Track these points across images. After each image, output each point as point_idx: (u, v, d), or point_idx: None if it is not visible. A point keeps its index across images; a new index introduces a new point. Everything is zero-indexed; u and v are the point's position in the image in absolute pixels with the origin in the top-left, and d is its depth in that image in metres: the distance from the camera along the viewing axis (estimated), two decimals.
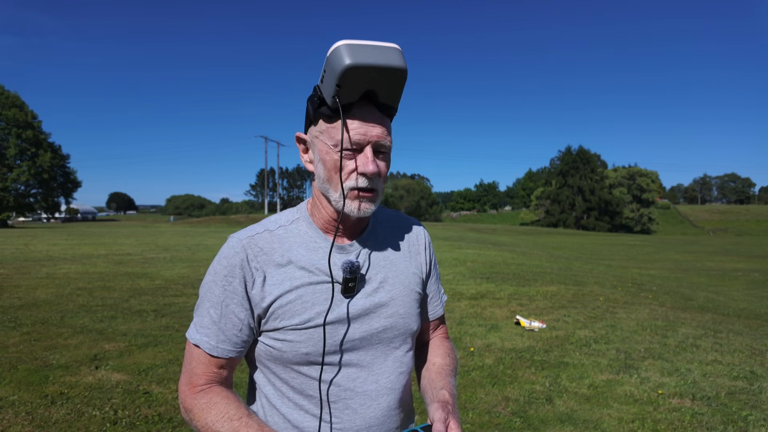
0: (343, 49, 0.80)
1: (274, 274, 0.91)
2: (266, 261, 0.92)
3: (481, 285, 8.62)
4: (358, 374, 0.94)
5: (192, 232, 30.14)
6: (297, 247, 0.94)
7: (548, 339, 5.16)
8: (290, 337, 0.90)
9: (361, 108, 0.86)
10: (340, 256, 0.95)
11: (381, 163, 0.90)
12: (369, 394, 0.94)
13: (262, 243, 0.93)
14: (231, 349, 0.92)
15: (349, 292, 0.93)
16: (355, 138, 0.86)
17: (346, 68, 0.79)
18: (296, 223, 0.97)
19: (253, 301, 0.91)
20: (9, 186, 46.99)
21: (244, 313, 0.91)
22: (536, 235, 42.15)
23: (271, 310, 0.91)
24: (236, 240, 0.93)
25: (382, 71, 0.82)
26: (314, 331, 0.90)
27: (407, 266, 1.03)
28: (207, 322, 0.92)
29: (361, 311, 0.94)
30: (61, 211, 58.70)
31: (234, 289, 0.90)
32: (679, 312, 6.75)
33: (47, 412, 3.21)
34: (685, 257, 20.72)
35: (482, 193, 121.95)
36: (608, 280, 10.10)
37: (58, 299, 6.84)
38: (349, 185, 0.88)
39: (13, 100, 47.23)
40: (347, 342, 0.93)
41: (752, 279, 12.77)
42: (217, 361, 0.92)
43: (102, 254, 13.57)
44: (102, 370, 4.00)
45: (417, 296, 1.03)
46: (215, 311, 0.91)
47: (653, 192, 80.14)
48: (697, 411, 3.38)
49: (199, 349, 0.92)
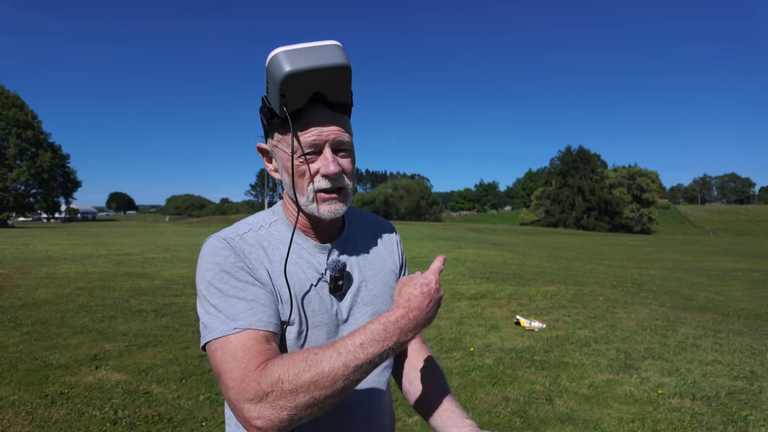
0: (281, 56, 0.80)
1: (263, 274, 0.88)
2: (257, 258, 0.89)
3: (481, 285, 8.62)
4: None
5: (192, 232, 30.14)
6: (282, 247, 0.93)
7: (548, 339, 5.16)
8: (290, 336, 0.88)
9: (313, 111, 0.85)
10: (322, 256, 0.95)
11: (343, 161, 0.89)
12: (356, 394, 0.94)
13: (252, 240, 0.91)
14: (278, 322, 0.84)
15: (338, 290, 0.94)
16: (311, 140, 0.85)
17: (285, 76, 0.79)
18: (275, 226, 0.96)
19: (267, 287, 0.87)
20: (9, 186, 46.99)
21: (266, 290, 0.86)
22: (536, 235, 42.15)
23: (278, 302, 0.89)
24: (225, 236, 0.89)
25: (323, 72, 0.81)
26: (310, 331, 0.90)
27: (384, 264, 1.05)
28: (243, 307, 0.81)
29: (349, 310, 0.95)
30: (61, 211, 58.71)
31: (249, 271, 0.85)
32: (679, 312, 6.74)
33: (47, 412, 3.21)
34: (685, 257, 20.72)
35: (482, 193, 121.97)
36: (608, 280, 10.10)
37: (58, 299, 6.84)
38: (314, 188, 0.88)
39: (13, 100, 47.22)
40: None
41: (752, 279, 12.77)
42: (267, 336, 0.80)
43: (102, 254, 13.57)
44: (102, 370, 4.00)
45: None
46: (246, 292, 0.83)
47: (653, 192, 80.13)
48: (697, 411, 3.38)
49: (242, 334, 0.78)
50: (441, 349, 4.79)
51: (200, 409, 3.30)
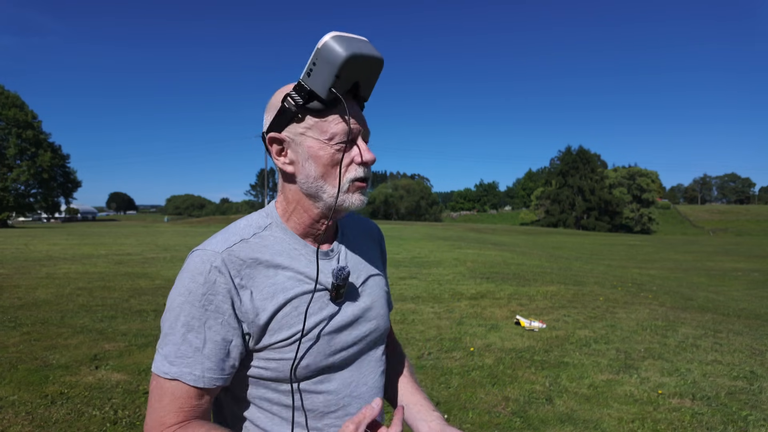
0: (339, 40, 0.78)
1: (262, 287, 0.84)
2: (250, 274, 0.83)
3: (481, 285, 8.62)
4: (352, 379, 0.92)
5: (192, 232, 30.14)
6: (278, 255, 0.87)
7: (548, 339, 5.15)
8: (288, 354, 0.84)
9: (348, 100, 0.84)
10: (325, 262, 0.91)
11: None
12: (362, 397, 0.93)
13: (242, 254, 0.84)
14: (219, 377, 0.82)
15: (339, 298, 0.90)
16: (353, 128, 0.84)
17: (347, 58, 0.77)
18: (270, 230, 0.89)
19: (246, 320, 0.82)
20: (9, 186, 46.99)
21: (233, 332, 0.82)
22: (536, 235, 42.15)
23: (269, 327, 0.84)
24: (211, 253, 0.82)
25: (370, 62, 0.81)
26: (315, 342, 0.87)
27: (377, 266, 1.04)
28: (186, 350, 0.79)
29: (353, 317, 0.92)
30: (61, 211, 58.71)
31: (217, 308, 0.80)
32: (679, 312, 6.74)
33: (47, 412, 3.21)
34: (685, 257, 20.71)
35: (482, 193, 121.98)
36: (608, 280, 10.10)
37: (58, 299, 6.84)
38: (350, 177, 0.85)
39: (13, 100, 47.21)
40: (342, 349, 0.90)
41: (752, 279, 12.77)
42: (199, 392, 0.81)
43: (102, 254, 13.57)
44: (102, 370, 4.00)
45: (387, 295, 1.05)
46: (196, 336, 0.80)
47: (653, 192, 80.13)
48: (697, 411, 3.38)
49: (176, 382, 0.79)
50: (441, 349, 4.79)
51: None
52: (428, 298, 7.46)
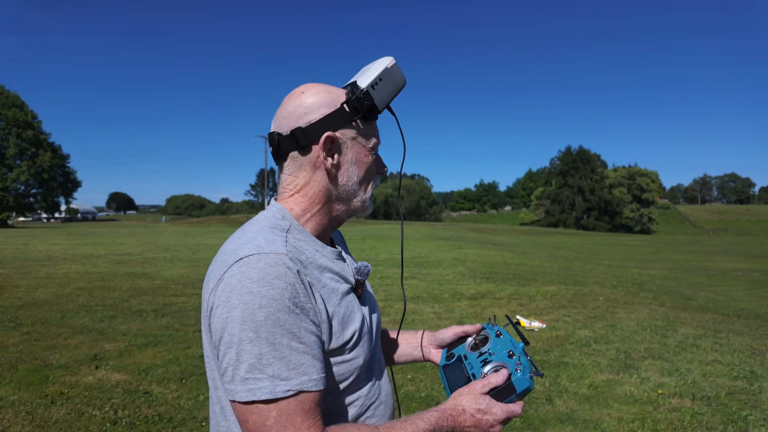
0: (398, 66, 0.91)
1: (319, 286, 0.82)
2: (311, 274, 0.82)
3: (481, 285, 8.62)
4: (377, 367, 0.99)
5: (192, 232, 30.14)
6: (317, 259, 0.87)
7: (548, 339, 5.16)
8: (349, 355, 0.85)
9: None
10: (341, 263, 0.93)
11: None
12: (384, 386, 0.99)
13: (298, 254, 0.82)
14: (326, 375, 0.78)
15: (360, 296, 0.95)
16: (377, 144, 0.94)
17: (403, 85, 0.92)
18: (291, 233, 0.86)
19: (318, 320, 0.79)
20: (9, 186, 47.00)
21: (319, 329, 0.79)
22: (536, 235, 42.14)
23: (334, 328, 0.83)
24: (275, 255, 0.77)
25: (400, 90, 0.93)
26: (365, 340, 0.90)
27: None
28: (297, 359, 0.73)
29: (373, 311, 0.99)
30: (61, 211, 58.72)
31: (303, 309, 0.76)
32: (679, 312, 6.75)
33: (47, 412, 3.21)
34: (685, 257, 20.71)
35: (482, 193, 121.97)
36: (608, 280, 10.10)
37: (58, 299, 6.84)
38: (375, 185, 0.96)
39: (13, 100, 47.22)
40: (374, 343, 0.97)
41: (752, 279, 12.77)
42: (321, 396, 0.76)
43: (102, 254, 13.57)
44: (102, 370, 4.00)
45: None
46: (299, 342, 0.74)
47: (653, 192, 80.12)
48: (697, 411, 3.38)
49: (301, 395, 0.73)
50: None
51: (200, 409, 3.30)
52: (428, 298, 7.46)
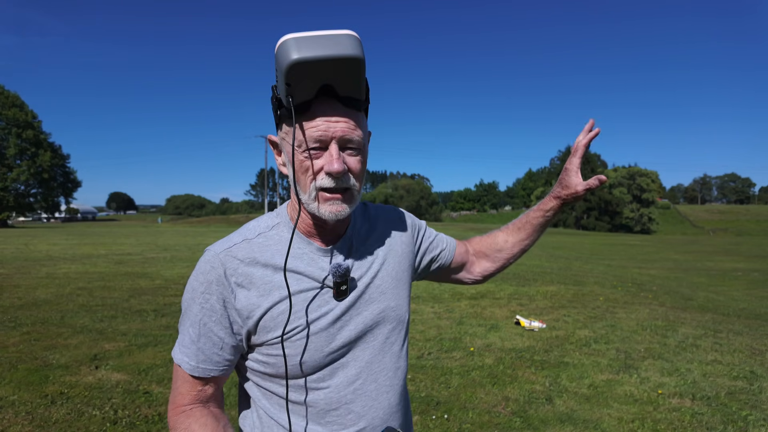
0: (289, 43, 0.75)
1: (259, 285, 0.86)
2: (247, 273, 0.86)
3: (481, 285, 8.62)
4: (357, 375, 0.91)
5: (192, 232, 30.15)
6: (280, 254, 0.88)
7: (548, 339, 5.16)
8: (286, 351, 0.86)
9: (322, 103, 0.80)
10: (326, 260, 0.91)
11: (350, 159, 0.83)
12: (369, 395, 0.91)
13: (241, 254, 0.87)
14: (212, 368, 0.88)
15: (342, 295, 0.90)
16: (317, 135, 0.80)
17: (291, 64, 0.74)
18: (276, 229, 0.92)
19: (240, 317, 0.86)
20: (9, 186, 47.00)
21: (224, 331, 0.86)
22: None
23: (261, 324, 0.86)
24: (212, 254, 0.87)
25: (333, 63, 0.75)
26: (310, 339, 0.87)
27: (394, 255, 1.01)
28: (187, 341, 0.88)
29: (354, 312, 0.91)
30: (61, 211, 58.74)
31: (211, 307, 0.86)
32: (679, 312, 6.75)
33: (47, 412, 3.21)
34: (685, 257, 20.71)
35: (482, 193, 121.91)
36: (608, 280, 10.10)
37: (58, 299, 6.84)
38: (316, 186, 0.83)
39: (13, 100, 47.24)
40: (343, 345, 0.90)
41: (752, 279, 12.76)
42: (199, 381, 0.89)
43: (102, 254, 13.57)
44: (102, 370, 4.00)
45: (407, 284, 1.02)
46: (194, 330, 0.87)
47: (653, 192, 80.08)
48: (697, 411, 3.38)
49: (181, 369, 0.89)
50: (441, 349, 4.79)
51: None
52: (428, 297, 7.46)
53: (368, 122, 0.90)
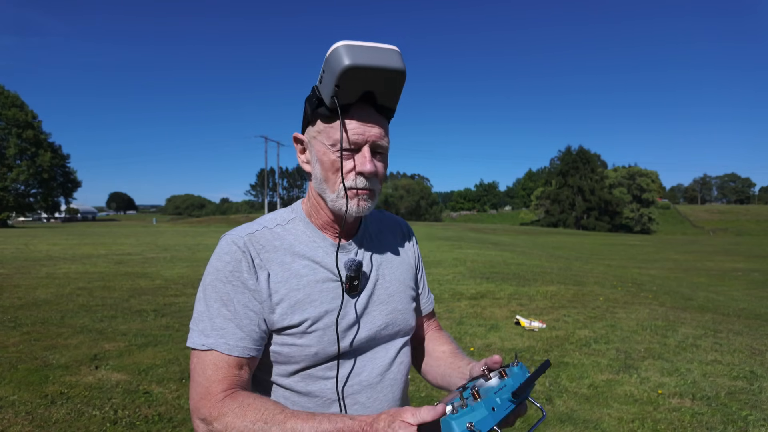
0: (343, 49, 0.80)
1: (278, 271, 0.90)
2: (269, 258, 0.90)
3: (481, 285, 8.62)
4: (363, 368, 0.95)
5: (192, 232, 30.15)
6: (298, 244, 0.94)
7: (548, 339, 5.16)
8: (299, 341, 0.89)
9: (360, 109, 0.86)
10: (342, 254, 0.96)
11: (379, 164, 0.90)
12: (375, 387, 0.95)
13: (263, 240, 0.92)
14: (252, 346, 0.87)
15: (353, 290, 0.94)
16: (354, 138, 0.86)
17: (345, 69, 0.80)
18: (293, 223, 0.97)
19: (260, 299, 0.88)
20: (9, 186, 47.00)
21: (258, 306, 0.88)
22: (536, 235, 42.14)
23: (279, 309, 0.89)
24: (235, 236, 0.91)
25: (380, 72, 0.82)
26: (324, 331, 0.90)
27: (401, 263, 1.06)
28: (219, 323, 0.86)
29: (364, 309, 0.95)
30: (61, 211, 58.76)
31: (243, 283, 0.88)
32: (679, 312, 6.75)
33: (47, 412, 3.21)
34: (685, 257, 20.71)
35: (482, 193, 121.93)
36: (608, 280, 10.10)
37: (58, 299, 6.84)
38: (348, 185, 0.88)
39: (13, 100, 47.23)
40: (355, 341, 0.93)
41: (752, 279, 12.77)
42: (238, 362, 0.86)
43: (102, 254, 13.57)
44: (102, 370, 4.00)
45: (412, 292, 1.07)
46: (227, 309, 0.87)
47: (653, 192, 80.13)
48: (697, 411, 3.38)
49: (214, 353, 0.85)
50: None
51: None
52: None
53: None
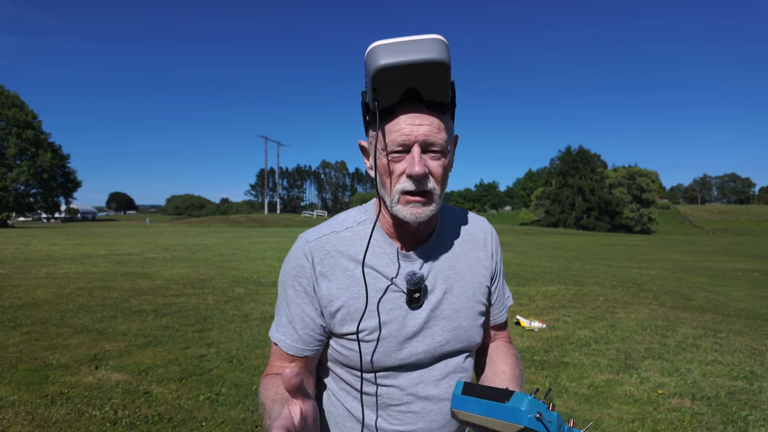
0: (377, 50, 0.78)
1: (341, 278, 0.91)
2: (332, 264, 0.91)
3: None
4: (420, 379, 0.94)
5: (192, 232, 30.15)
6: (363, 250, 0.92)
7: (548, 339, 5.16)
8: (356, 346, 0.91)
9: (405, 107, 0.82)
10: (405, 264, 0.93)
11: (432, 163, 0.85)
12: (431, 399, 0.93)
13: (328, 245, 0.93)
14: (305, 348, 0.93)
15: (414, 303, 0.91)
16: (401, 139, 0.82)
17: (376, 71, 0.77)
18: (363, 225, 0.96)
19: (322, 303, 0.91)
20: (9, 186, 47.00)
21: (315, 312, 0.92)
22: (536, 235, 42.14)
23: (339, 315, 0.90)
24: (303, 241, 0.94)
25: (415, 67, 0.77)
26: (380, 343, 0.90)
27: (473, 275, 0.99)
28: (284, 321, 0.94)
29: (424, 323, 0.92)
30: (61, 211, 58.73)
31: (303, 289, 0.92)
32: (679, 312, 6.75)
33: (47, 412, 3.21)
34: (685, 257, 20.71)
35: (482, 193, 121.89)
36: (608, 280, 10.10)
37: (58, 299, 6.84)
38: (398, 189, 0.85)
39: (13, 100, 47.22)
40: (411, 353, 0.92)
41: (752, 279, 12.77)
42: (293, 359, 0.94)
43: (102, 254, 13.57)
44: (102, 370, 4.00)
45: (482, 308, 1.00)
46: (290, 311, 0.93)
47: (653, 192, 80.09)
48: (697, 411, 3.38)
49: (277, 346, 0.95)
50: None
51: (200, 409, 3.30)
52: None
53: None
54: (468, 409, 0.77)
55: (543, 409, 0.72)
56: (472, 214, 1.07)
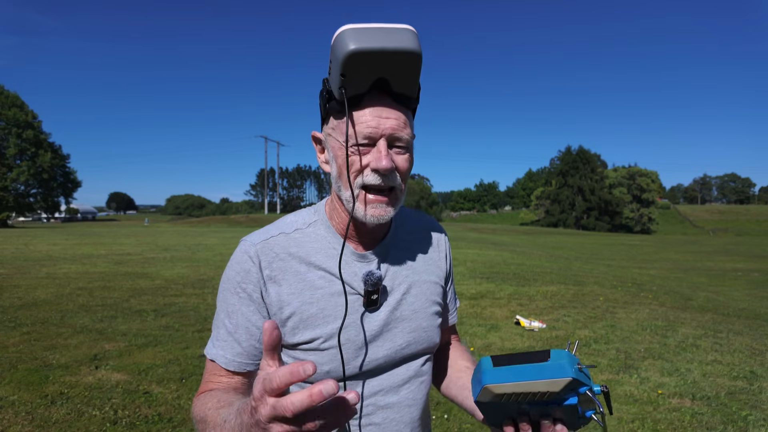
0: (347, 33, 0.72)
1: (291, 282, 0.84)
2: (282, 267, 0.84)
3: (481, 285, 8.62)
4: (380, 387, 0.88)
5: (192, 232, 30.14)
6: (315, 252, 0.86)
7: (548, 339, 5.15)
8: (311, 358, 0.82)
9: (373, 98, 0.77)
10: (361, 265, 0.87)
11: (398, 158, 0.80)
12: (392, 407, 0.88)
13: (277, 248, 0.85)
14: (249, 362, 0.84)
15: (372, 305, 0.86)
16: (367, 131, 0.77)
17: (349, 54, 0.71)
18: (314, 226, 0.89)
19: (271, 310, 0.83)
20: (9, 186, 47.00)
21: (261, 321, 0.83)
22: (536, 235, 42.13)
23: (290, 323, 0.83)
24: (248, 244, 0.86)
25: (390, 56, 0.72)
26: (338, 350, 0.83)
27: (429, 275, 0.96)
28: (223, 334, 0.85)
29: (384, 326, 0.87)
30: (61, 211, 58.71)
31: (249, 296, 0.83)
32: (679, 312, 6.75)
33: (47, 412, 3.21)
34: (685, 257, 20.71)
35: (482, 193, 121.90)
36: (608, 280, 10.10)
37: (58, 299, 6.84)
38: (359, 183, 0.79)
39: (13, 100, 47.22)
40: (370, 359, 0.86)
41: (752, 279, 12.77)
42: (233, 375, 0.85)
43: (102, 254, 13.57)
44: (102, 370, 4.00)
45: (438, 308, 0.97)
46: (230, 321, 0.84)
47: (653, 192, 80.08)
48: (697, 411, 3.38)
49: (214, 363, 0.85)
50: None
51: None
52: None
53: None
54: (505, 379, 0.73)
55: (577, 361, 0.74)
56: (422, 213, 1.04)
